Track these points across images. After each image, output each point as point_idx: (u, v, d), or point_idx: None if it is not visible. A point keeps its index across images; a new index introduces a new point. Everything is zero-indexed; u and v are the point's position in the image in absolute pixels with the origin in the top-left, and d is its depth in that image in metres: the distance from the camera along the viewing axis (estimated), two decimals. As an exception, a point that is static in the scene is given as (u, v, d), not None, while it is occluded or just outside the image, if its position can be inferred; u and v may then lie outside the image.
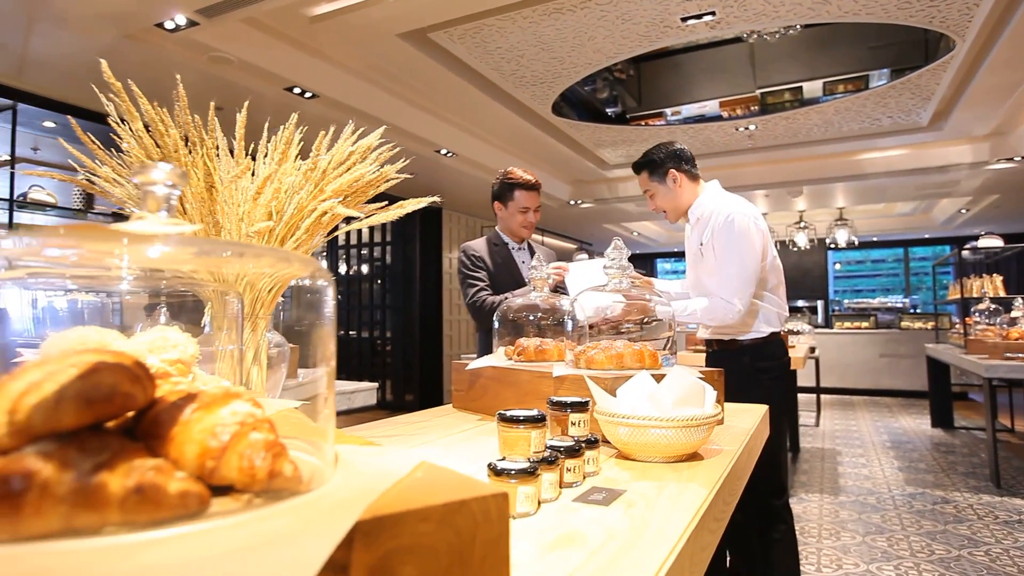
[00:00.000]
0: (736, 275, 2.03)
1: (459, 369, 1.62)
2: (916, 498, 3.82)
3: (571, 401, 0.91)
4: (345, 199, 0.96)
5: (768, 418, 1.63)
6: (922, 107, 5.12)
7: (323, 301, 0.47)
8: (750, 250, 2.03)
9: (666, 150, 2.21)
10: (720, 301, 2.04)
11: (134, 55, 3.32)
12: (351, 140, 0.96)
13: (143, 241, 0.38)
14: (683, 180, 2.19)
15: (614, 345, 1.34)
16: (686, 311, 2.08)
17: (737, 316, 2.03)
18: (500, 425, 0.78)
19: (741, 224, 2.04)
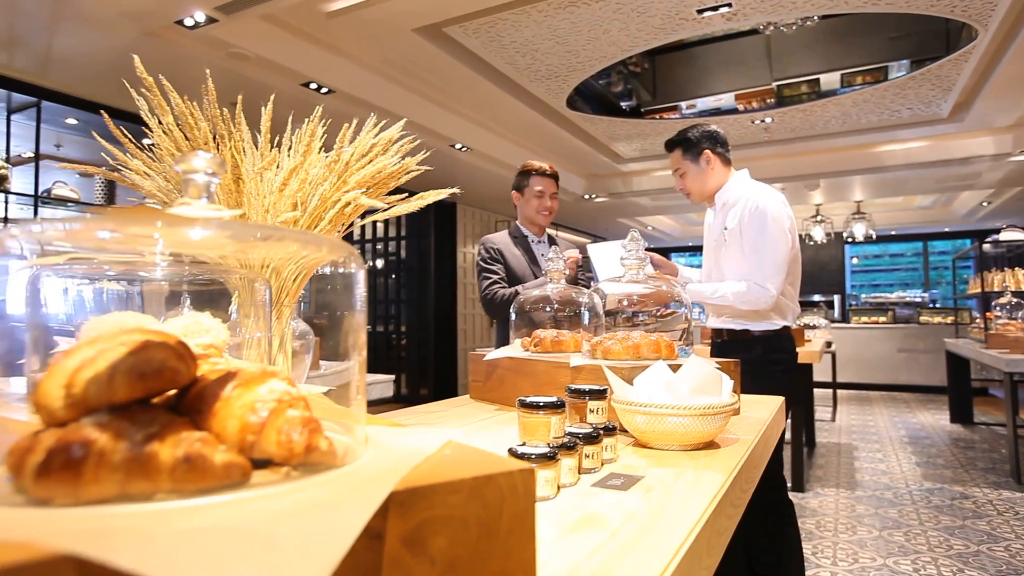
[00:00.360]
0: (771, 260, 2.02)
1: (476, 360, 1.64)
2: (934, 493, 3.79)
3: (589, 389, 0.93)
4: (367, 191, 0.98)
5: (784, 409, 1.63)
6: (943, 98, 5.04)
7: (355, 286, 0.48)
8: (783, 236, 2.04)
9: (702, 130, 2.20)
10: (754, 286, 2.02)
11: (154, 52, 3.37)
12: (373, 132, 0.97)
13: (184, 224, 0.40)
14: (716, 163, 2.18)
15: (631, 336, 1.35)
16: (716, 293, 2.07)
17: (770, 302, 2.02)
18: (520, 411, 0.79)
19: (776, 210, 2.04)
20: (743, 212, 2.08)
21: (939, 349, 7.70)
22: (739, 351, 2.11)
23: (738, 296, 2.05)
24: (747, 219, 2.07)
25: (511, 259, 2.61)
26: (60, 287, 0.63)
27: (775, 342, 2.13)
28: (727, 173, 2.21)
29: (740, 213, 2.09)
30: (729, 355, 2.15)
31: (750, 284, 2.03)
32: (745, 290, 2.04)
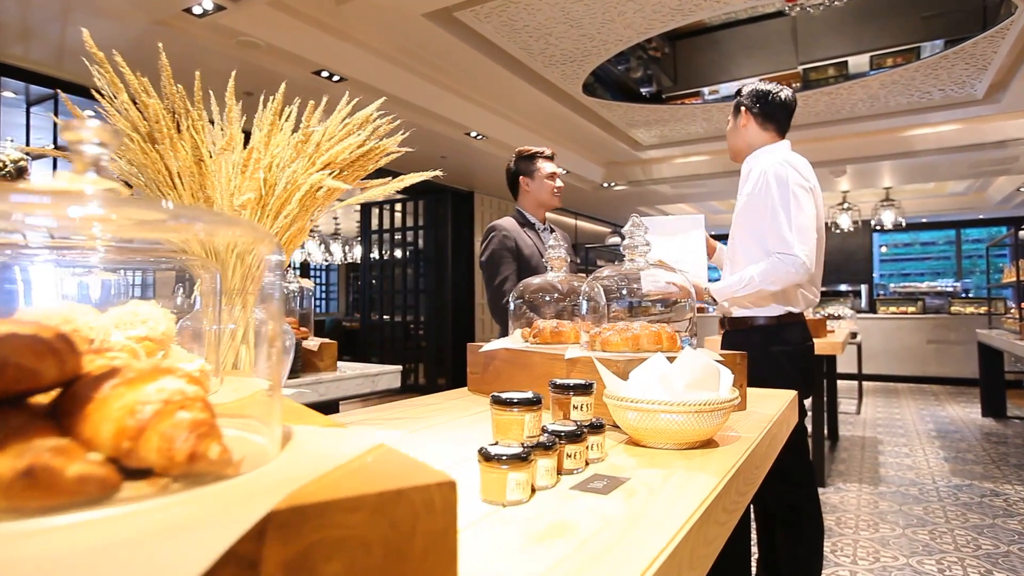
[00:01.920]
0: (795, 223, 1.83)
1: (474, 351, 1.59)
2: (962, 490, 3.65)
3: (574, 383, 0.87)
4: (342, 172, 0.93)
5: (796, 404, 1.56)
6: (977, 78, 4.82)
7: (271, 273, 0.43)
8: (805, 196, 1.88)
9: (753, 89, 2.06)
10: (776, 258, 1.84)
11: (165, 42, 3.35)
12: (346, 111, 0.92)
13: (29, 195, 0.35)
14: (751, 124, 2.05)
15: (631, 327, 1.29)
16: (741, 283, 1.89)
17: (803, 271, 1.81)
18: (493, 408, 0.74)
19: (795, 171, 1.90)
20: (758, 177, 1.94)
21: (971, 340, 7.45)
22: (740, 341, 2.02)
23: (765, 276, 1.86)
24: (761, 184, 1.91)
25: (524, 248, 2.52)
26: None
27: (775, 332, 1.98)
28: (764, 139, 2.04)
29: (754, 179, 1.95)
30: (733, 346, 2.07)
31: (773, 257, 1.85)
32: (769, 266, 1.85)
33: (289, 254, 0.95)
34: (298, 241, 0.96)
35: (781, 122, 2.06)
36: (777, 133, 2.06)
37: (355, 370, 2.59)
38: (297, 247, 0.97)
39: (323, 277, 17.03)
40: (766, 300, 1.97)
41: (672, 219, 2.09)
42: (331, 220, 11.28)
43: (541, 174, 2.55)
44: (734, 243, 2.07)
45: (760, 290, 1.90)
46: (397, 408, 1.36)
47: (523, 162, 2.57)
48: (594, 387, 0.88)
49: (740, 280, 1.92)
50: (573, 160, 6.92)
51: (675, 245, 2.03)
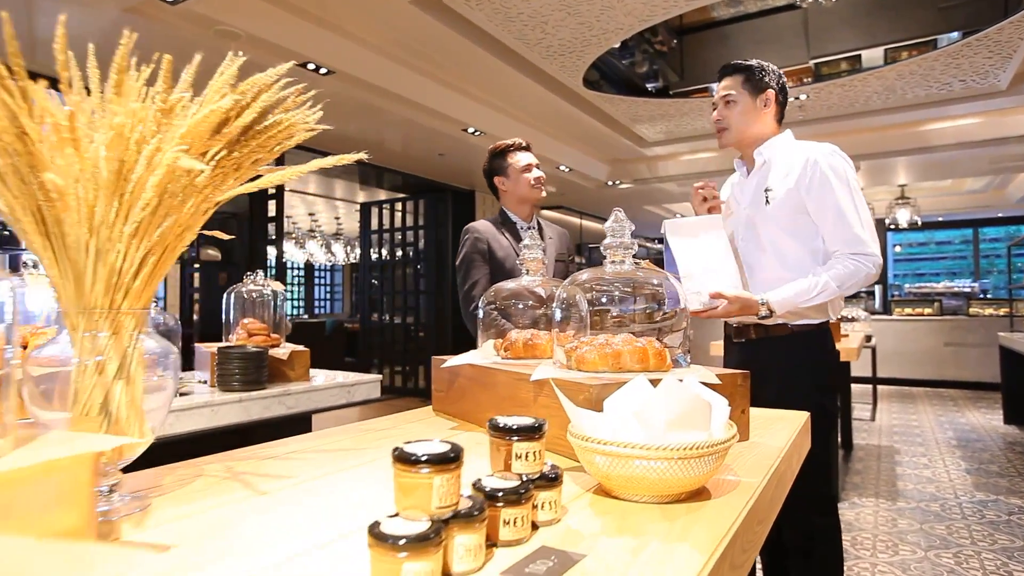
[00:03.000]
0: (866, 220, 1.66)
1: (437, 366, 1.40)
2: (988, 506, 3.41)
3: (517, 425, 0.67)
4: (230, 154, 0.74)
5: (810, 427, 1.35)
6: (1001, 67, 4.56)
7: None
8: (860, 190, 1.72)
9: (776, 69, 1.84)
10: (852, 260, 1.64)
11: (139, 31, 3.18)
12: (229, 72, 0.73)
13: None
14: (772, 111, 1.81)
15: (611, 341, 1.08)
16: (814, 289, 1.64)
17: (878, 271, 1.66)
18: (395, 467, 0.54)
19: (851, 170, 1.73)
20: (804, 168, 1.70)
21: (990, 343, 7.17)
22: (770, 353, 1.78)
23: (843, 279, 1.64)
24: (814, 176, 1.69)
25: (498, 251, 2.30)
26: None
27: (817, 340, 1.77)
28: (774, 128, 1.83)
29: (797, 170, 1.71)
30: (756, 359, 1.84)
31: (846, 258, 1.64)
32: (849, 268, 1.63)
33: (172, 257, 0.76)
34: (183, 240, 0.77)
35: (784, 113, 1.87)
36: (780, 124, 1.86)
37: (329, 380, 2.41)
38: (182, 247, 0.78)
39: (328, 278, 16.92)
40: (816, 308, 1.75)
41: (687, 221, 1.83)
42: (333, 220, 11.14)
43: (515, 168, 2.33)
44: (761, 243, 1.80)
45: (836, 296, 1.69)
46: (334, 436, 1.16)
47: (496, 160, 2.37)
48: (545, 429, 0.68)
49: (812, 286, 1.66)
50: (576, 157, 6.71)
51: (699, 250, 1.76)
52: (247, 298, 2.50)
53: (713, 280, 1.68)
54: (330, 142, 5.61)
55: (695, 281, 1.67)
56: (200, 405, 1.90)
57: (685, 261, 1.71)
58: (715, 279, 1.69)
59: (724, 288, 1.66)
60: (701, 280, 1.68)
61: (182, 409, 1.85)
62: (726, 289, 1.66)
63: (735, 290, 1.68)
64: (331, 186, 8.33)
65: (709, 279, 1.68)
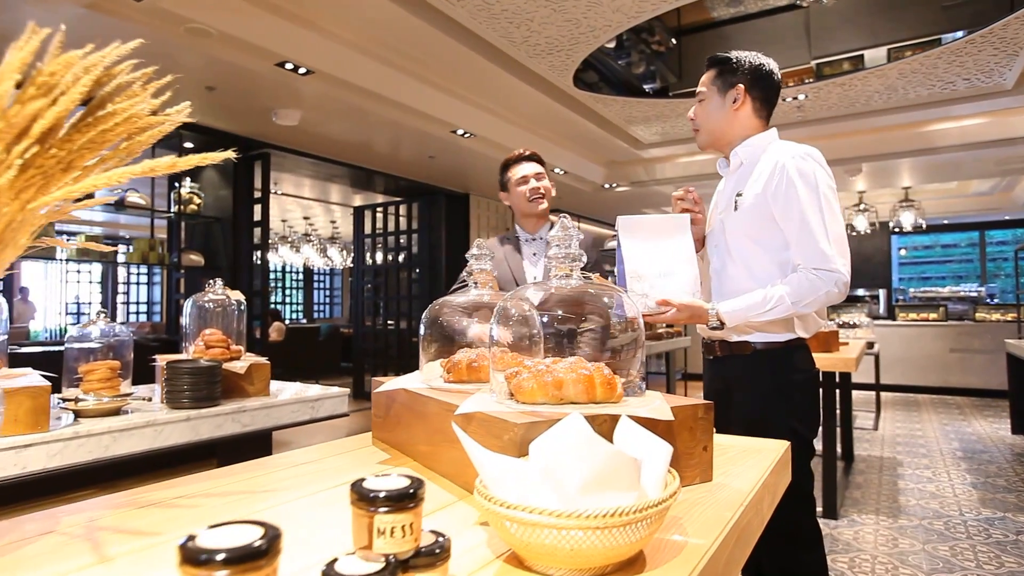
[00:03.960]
0: (830, 230, 1.48)
1: (375, 388, 1.26)
2: (995, 524, 3.24)
3: (385, 492, 0.53)
4: (50, 151, 0.60)
5: (790, 458, 1.20)
6: (1007, 65, 4.40)
7: None
8: (836, 200, 1.53)
9: (751, 61, 1.65)
10: (812, 275, 1.47)
11: (104, 29, 3.07)
12: (30, 50, 0.59)
13: None
14: (747, 107, 1.64)
15: (552, 367, 0.94)
16: (766, 304, 1.50)
17: (844, 290, 1.48)
18: (181, 570, 0.40)
19: (822, 168, 1.54)
20: (772, 173, 1.54)
21: (997, 349, 6.98)
22: (738, 371, 1.66)
23: (799, 295, 1.48)
24: (781, 180, 1.52)
25: (496, 265, 2.21)
26: None
27: (782, 358, 1.60)
28: (756, 127, 1.66)
29: (766, 175, 1.55)
30: (726, 376, 1.71)
31: (807, 271, 1.48)
32: (805, 283, 1.47)
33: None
34: (5, 258, 0.63)
35: (772, 109, 1.69)
36: (767, 121, 1.68)
37: (291, 395, 2.28)
38: (5, 264, 0.64)
39: (327, 282, 16.81)
40: (778, 324, 1.58)
41: (653, 219, 1.69)
42: (329, 223, 11.03)
43: (513, 181, 2.26)
44: (729, 251, 1.66)
45: (791, 314, 1.52)
46: (241, 474, 1.02)
47: (501, 173, 2.32)
48: (421, 495, 0.54)
49: (765, 300, 1.50)
50: (571, 160, 6.57)
51: (656, 252, 1.62)
52: (207, 308, 2.38)
53: (666, 284, 1.57)
54: (316, 145, 5.50)
55: (643, 283, 1.57)
56: (141, 425, 1.76)
57: (635, 261, 1.59)
58: (668, 283, 1.57)
59: (674, 294, 1.55)
60: (651, 282, 1.57)
61: (121, 429, 1.72)
62: (675, 295, 1.55)
63: (687, 297, 1.56)
64: (326, 190, 8.21)
65: (661, 282, 1.57)
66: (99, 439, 1.67)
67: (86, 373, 1.92)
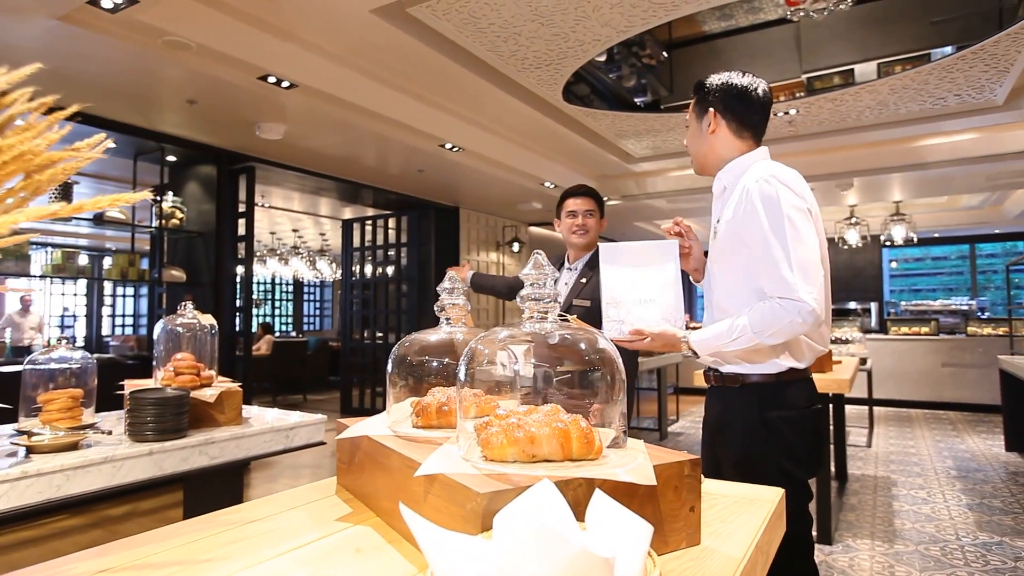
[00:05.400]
0: (796, 258, 1.37)
1: (339, 434, 1.17)
2: (992, 550, 3.17)
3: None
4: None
5: (784, 508, 1.12)
6: (998, 82, 4.39)
7: None
8: (805, 222, 1.41)
9: (722, 81, 1.58)
10: (775, 304, 1.39)
11: (76, 41, 2.98)
12: None
13: None
14: (722, 130, 1.57)
15: (525, 420, 0.86)
16: (731, 335, 1.44)
17: (811, 320, 1.37)
18: None
19: (788, 190, 1.43)
20: (740, 198, 1.48)
21: (989, 364, 6.96)
22: (728, 404, 1.58)
23: (762, 326, 1.40)
24: (744, 208, 1.46)
25: None
26: None
27: (773, 393, 1.51)
28: (738, 148, 1.58)
29: (736, 200, 1.49)
30: (719, 409, 1.63)
31: (772, 302, 1.40)
32: (767, 313, 1.40)
33: None
34: None
35: (759, 127, 1.60)
36: (754, 140, 1.60)
37: (265, 424, 2.18)
38: None
39: (317, 294, 16.67)
40: (762, 354, 1.50)
41: (637, 246, 1.62)
42: (319, 236, 10.93)
43: (564, 213, 2.52)
44: (712, 281, 1.61)
45: (756, 344, 1.44)
46: (172, 538, 0.93)
47: (558, 204, 2.56)
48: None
49: (730, 330, 1.45)
50: (561, 173, 6.52)
51: (637, 279, 1.58)
52: (178, 332, 2.28)
53: (644, 311, 1.55)
54: (303, 158, 5.41)
55: (620, 309, 1.56)
56: (98, 461, 1.66)
57: (613, 288, 1.58)
58: (647, 310, 1.54)
59: (649, 321, 1.54)
60: (629, 309, 1.56)
61: (75, 467, 1.62)
62: (650, 323, 1.53)
63: (664, 324, 1.53)
64: (315, 203, 8.12)
65: (639, 309, 1.55)
66: (50, 478, 1.57)
67: (45, 403, 1.81)
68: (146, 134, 4.44)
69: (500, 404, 0.97)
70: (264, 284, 14.71)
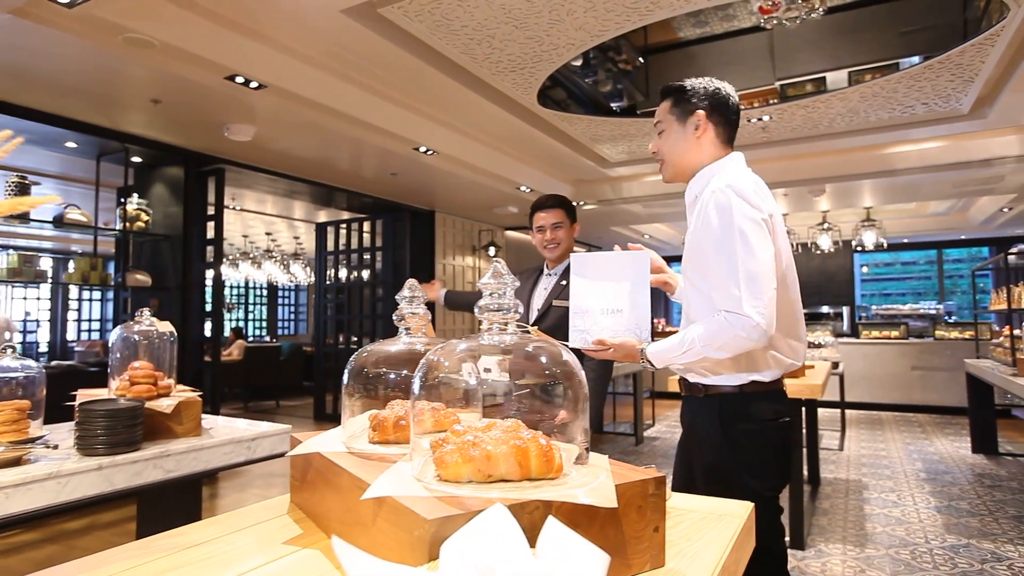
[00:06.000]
0: (741, 269, 1.35)
1: (291, 449, 1.11)
2: (960, 552, 3.20)
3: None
4: None
5: (754, 524, 1.09)
6: (963, 91, 4.47)
7: None
8: (757, 234, 1.37)
9: (707, 86, 1.56)
10: (722, 318, 1.37)
11: (33, 38, 2.87)
12: None
13: None
14: (708, 134, 1.54)
15: (482, 437, 0.81)
16: (681, 347, 1.42)
17: (756, 335, 1.34)
18: None
19: (739, 198, 1.39)
20: (699, 211, 1.47)
21: (956, 367, 7.09)
22: (696, 414, 1.56)
23: (708, 339, 1.38)
24: (704, 216, 1.44)
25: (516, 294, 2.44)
26: None
27: (736, 405, 1.48)
28: (717, 154, 1.55)
29: (697, 214, 1.49)
30: (692, 418, 1.60)
31: (719, 315, 1.38)
32: (714, 327, 1.37)
33: None
34: None
35: (734, 133, 1.59)
36: (731, 147, 1.59)
37: (225, 435, 2.10)
38: None
39: (292, 298, 16.42)
40: (724, 365, 1.47)
41: (608, 256, 1.59)
42: (292, 240, 10.76)
43: (535, 226, 2.53)
44: (684, 293, 1.60)
45: (705, 357, 1.42)
46: (97, 567, 0.87)
47: (530, 216, 2.57)
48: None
49: (681, 343, 1.43)
50: (537, 178, 6.50)
51: (606, 289, 1.55)
52: (134, 340, 2.20)
53: (610, 321, 1.53)
54: (274, 161, 5.31)
55: (586, 319, 1.55)
56: (40, 478, 1.58)
57: (580, 298, 1.57)
58: (613, 320, 1.53)
59: (612, 333, 1.52)
60: (595, 319, 1.54)
61: (16, 484, 1.53)
62: (613, 334, 1.52)
63: (627, 335, 1.51)
64: (289, 206, 7.99)
65: (605, 319, 1.53)
66: (-12, 497, 1.48)
67: (-10, 415, 1.72)
68: (109, 134, 4.31)
69: (461, 419, 0.93)
70: (237, 288, 14.45)
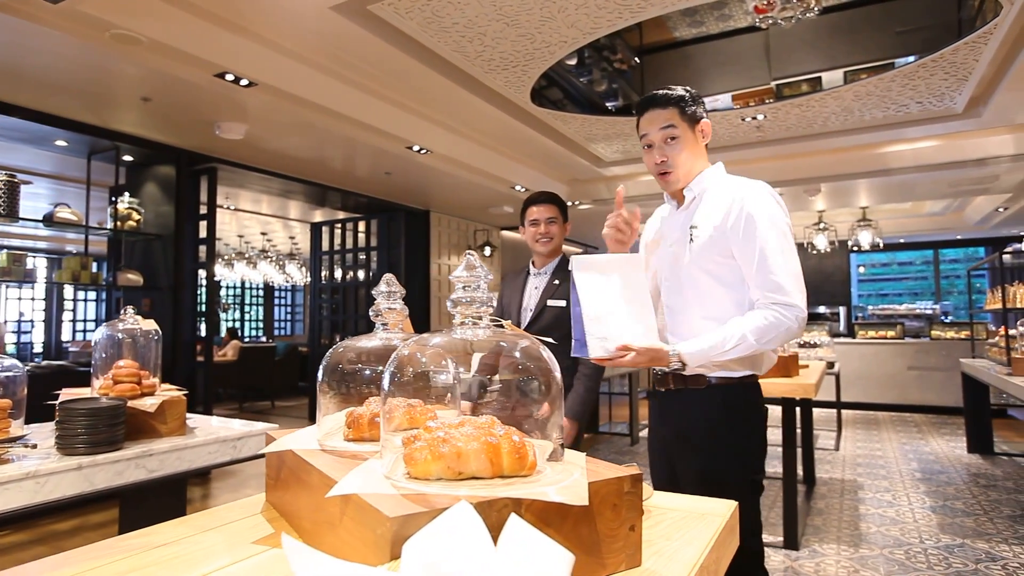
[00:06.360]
0: (791, 268, 1.45)
1: (266, 446, 1.09)
2: (954, 552, 3.19)
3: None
4: None
5: (737, 522, 1.07)
6: (957, 90, 4.46)
7: None
8: (791, 237, 1.51)
9: (698, 94, 1.61)
10: (773, 311, 1.43)
11: (17, 33, 2.84)
12: None
13: None
14: (704, 139, 1.61)
15: (453, 434, 0.79)
16: (728, 342, 1.43)
17: (802, 325, 1.45)
18: None
19: (778, 205, 1.50)
20: (730, 208, 1.49)
21: (952, 367, 7.09)
22: (690, 407, 1.55)
23: (762, 332, 1.42)
24: (739, 217, 1.48)
25: (503, 297, 2.56)
26: None
27: (740, 396, 1.54)
28: (706, 159, 1.63)
29: (723, 208, 1.50)
30: (676, 412, 1.59)
31: (767, 308, 1.44)
32: (770, 320, 1.42)
33: None
34: None
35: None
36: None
37: (209, 434, 2.07)
38: None
39: (288, 298, 16.38)
40: (734, 361, 1.52)
41: (600, 257, 1.56)
42: (288, 239, 10.73)
43: (527, 221, 2.50)
44: (683, 290, 1.57)
45: (755, 351, 1.46)
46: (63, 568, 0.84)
47: (522, 212, 2.54)
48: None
49: (725, 339, 1.44)
50: (532, 177, 6.48)
51: (613, 292, 1.47)
52: (118, 338, 2.17)
53: (624, 325, 1.45)
54: (268, 160, 5.28)
55: (602, 325, 1.44)
56: (17, 477, 1.55)
57: (592, 302, 1.45)
58: (626, 325, 1.45)
59: (634, 338, 1.44)
60: (609, 324, 1.44)
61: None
62: (635, 339, 1.44)
63: (645, 340, 1.45)
64: (284, 206, 7.96)
65: (619, 324, 1.45)
66: (-38, 497, 1.46)
67: (-34, 416, 1.69)
68: (100, 132, 4.28)
69: (437, 415, 0.91)
70: (233, 288, 14.42)
